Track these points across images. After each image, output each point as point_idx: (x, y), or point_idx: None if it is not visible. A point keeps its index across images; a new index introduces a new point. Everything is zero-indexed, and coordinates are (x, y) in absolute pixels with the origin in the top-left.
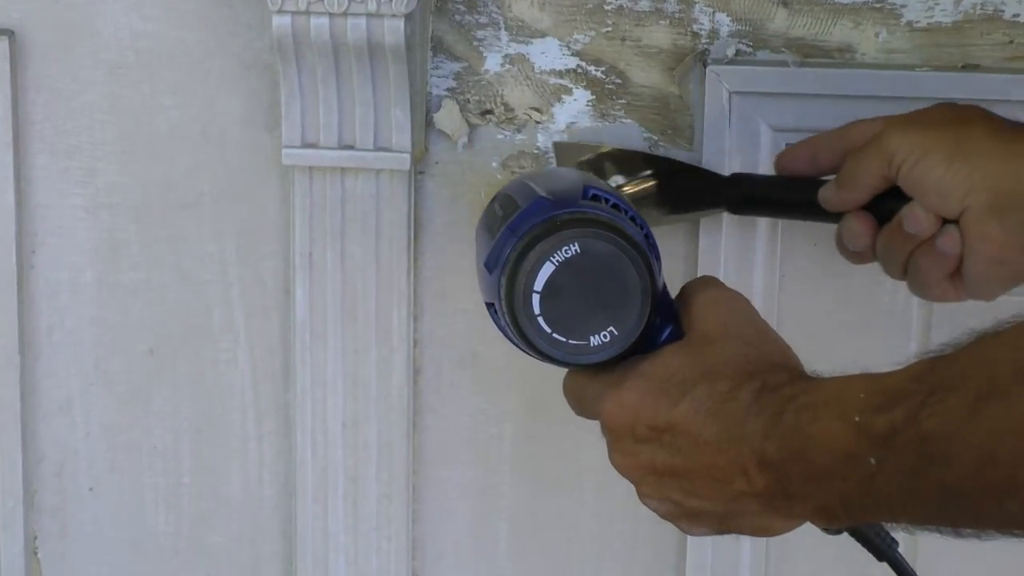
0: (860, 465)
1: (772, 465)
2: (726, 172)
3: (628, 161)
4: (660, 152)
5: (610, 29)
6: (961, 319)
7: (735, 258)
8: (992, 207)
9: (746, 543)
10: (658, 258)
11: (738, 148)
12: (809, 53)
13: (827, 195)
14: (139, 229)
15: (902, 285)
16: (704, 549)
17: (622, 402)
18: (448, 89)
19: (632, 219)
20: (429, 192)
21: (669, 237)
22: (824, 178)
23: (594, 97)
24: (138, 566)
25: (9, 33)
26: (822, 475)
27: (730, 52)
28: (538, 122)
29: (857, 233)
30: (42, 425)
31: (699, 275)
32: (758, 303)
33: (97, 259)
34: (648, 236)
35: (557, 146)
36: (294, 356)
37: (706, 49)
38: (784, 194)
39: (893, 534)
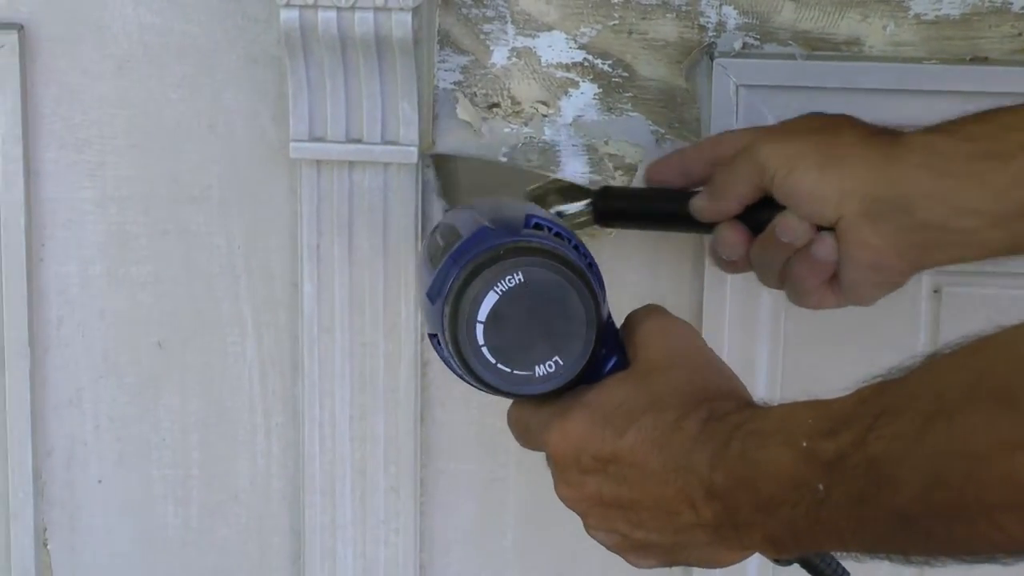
0: (808, 492)
1: (719, 495)
2: None
3: (503, 176)
4: (667, 145)
5: (617, 22)
6: (970, 318)
7: (741, 276)
8: (866, 214)
9: None
10: (602, 287)
11: None
12: (816, 46)
13: (699, 205)
14: (148, 222)
15: (909, 286)
16: None
17: (567, 433)
18: (455, 83)
19: (575, 248)
20: (436, 185)
21: (675, 252)
22: (694, 190)
23: (601, 90)
24: (147, 558)
25: (18, 27)
26: (770, 503)
27: (737, 45)
28: (545, 115)
29: (730, 243)
30: (51, 417)
31: (706, 271)
32: (766, 307)
33: (106, 252)
34: (591, 265)
35: (437, 159)
36: (302, 349)
37: (713, 42)
38: (654, 206)
39: (845, 564)
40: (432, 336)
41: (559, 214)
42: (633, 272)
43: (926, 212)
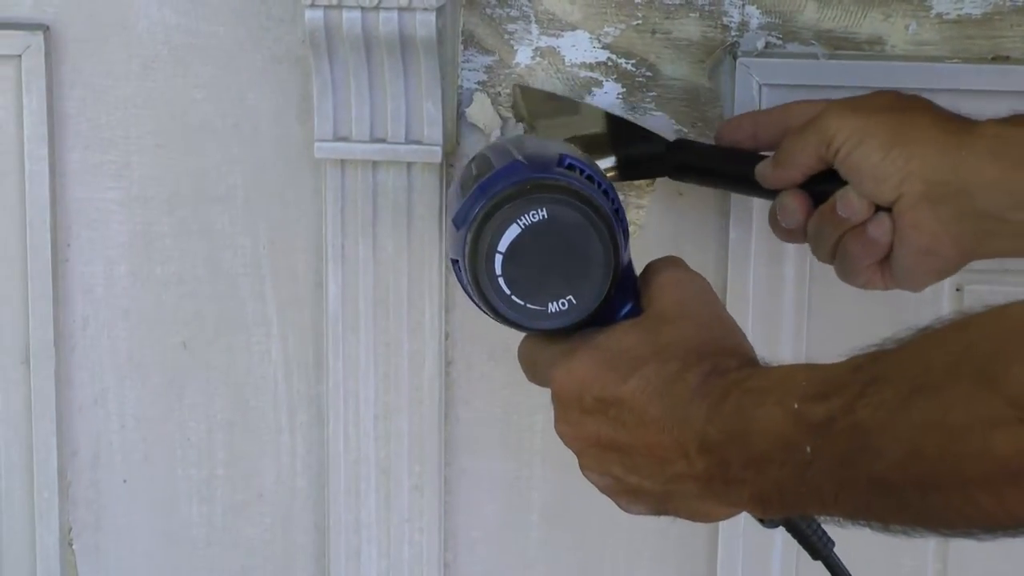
0: (796, 452)
1: (712, 448)
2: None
3: (589, 119)
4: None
5: (640, 22)
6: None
7: (765, 249)
8: (926, 197)
9: (778, 537)
10: (626, 233)
11: None
12: (839, 45)
13: (763, 171)
14: (172, 222)
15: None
16: (736, 540)
17: (572, 371)
18: (479, 82)
19: (604, 192)
20: None
21: (699, 228)
22: (764, 154)
23: (624, 90)
24: (172, 557)
25: (44, 28)
26: (760, 460)
27: (760, 44)
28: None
29: (791, 210)
30: (77, 417)
31: (729, 267)
32: (788, 293)
33: (131, 252)
34: (619, 211)
35: (517, 89)
36: (326, 348)
37: (736, 41)
38: (723, 165)
39: (829, 533)
40: (454, 262)
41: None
42: (657, 246)
43: (986, 201)
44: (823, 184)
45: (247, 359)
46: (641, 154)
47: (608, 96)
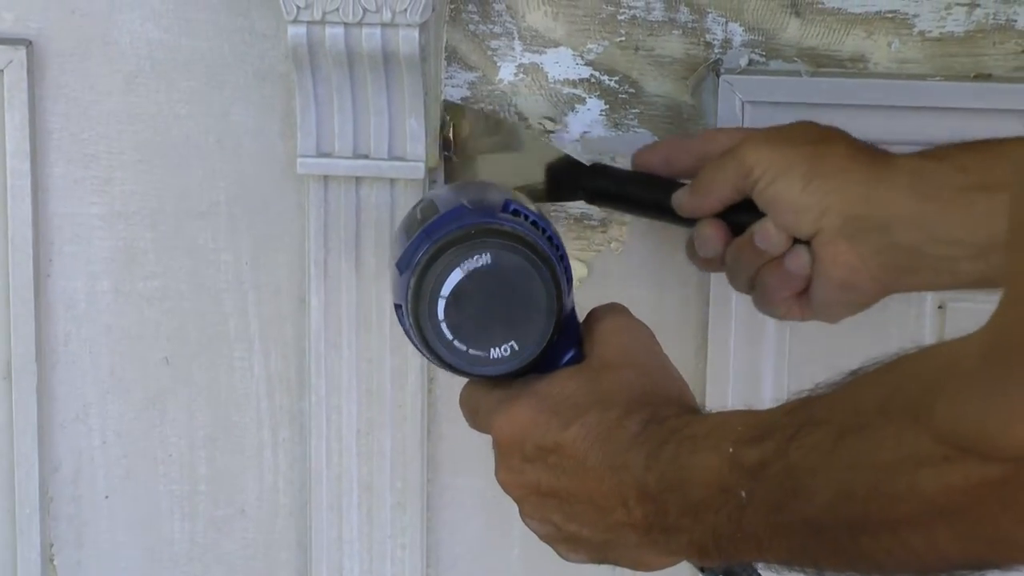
0: (732, 497)
1: (651, 496)
2: None
3: (510, 136)
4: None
5: (623, 39)
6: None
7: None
8: (844, 231)
9: None
10: (569, 280)
11: None
12: (822, 63)
13: (681, 199)
14: (155, 238)
15: (913, 301)
16: None
17: (513, 418)
18: (462, 98)
19: (549, 238)
20: None
21: (682, 246)
22: (682, 181)
23: (607, 106)
24: (154, 574)
25: (27, 43)
26: (697, 507)
27: (743, 62)
28: (551, 131)
29: (708, 240)
30: (58, 433)
31: (712, 284)
32: (771, 322)
33: (113, 268)
34: (563, 257)
35: (447, 105)
36: (309, 364)
37: (719, 59)
38: (639, 192)
39: None
40: (397, 307)
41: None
42: (639, 288)
43: (904, 235)
44: (741, 214)
45: (229, 375)
46: (562, 175)
47: (591, 113)
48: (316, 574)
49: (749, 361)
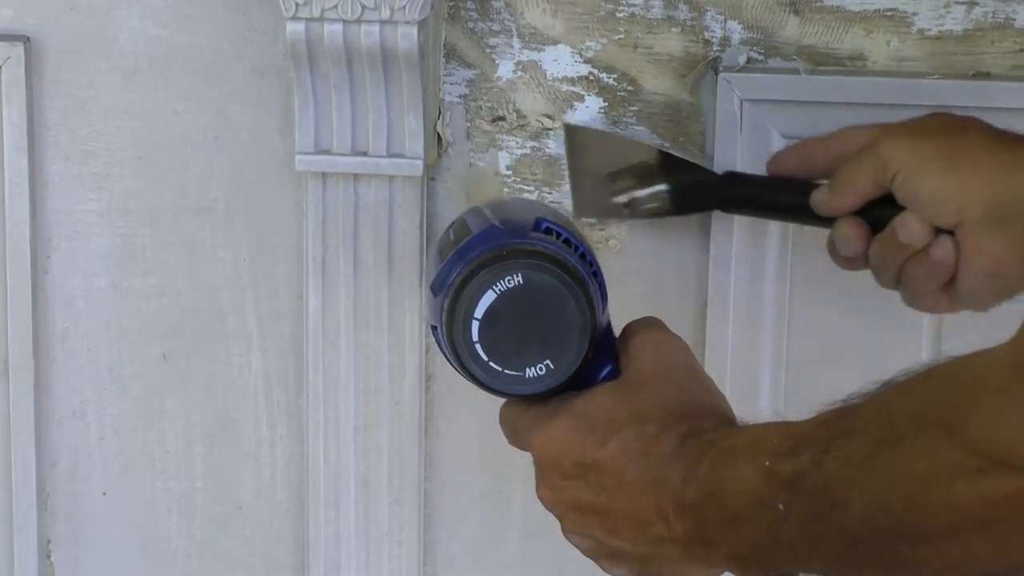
0: (769, 510)
1: (690, 510)
2: None
3: (640, 156)
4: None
5: (622, 36)
6: (971, 327)
7: (746, 266)
8: (988, 219)
9: None
10: (604, 297)
11: (749, 155)
12: (821, 61)
13: (820, 199)
14: (153, 234)
15: None
16: None
17: (551, 436)
18: (460, 96)
19: (582, 256)
20: (441, 198)
21: (680, 245)
22: (816, 182)
23: (606, 104)
24: (151, 570)
25: (24, 39)
26: (735, 520)
27: (742, 60)
28: (550, 129)
29: (850, 239)
30: (56, 429)
31: (710, 284)
32: (769, 311)
33: (111, 264)
34: (596, 274)
35: (568, 128)
36: (307, 361)
37: (718, 56)
38: (775, 196)
39: None
40: (433, 328)
41: (633, 199)
42: (636, 286)
43: None
44: (879, 210)
45: (227, 372)
46: (691, 187)
47: (590, 111)
48: (313, 571)
49: (746, 360)
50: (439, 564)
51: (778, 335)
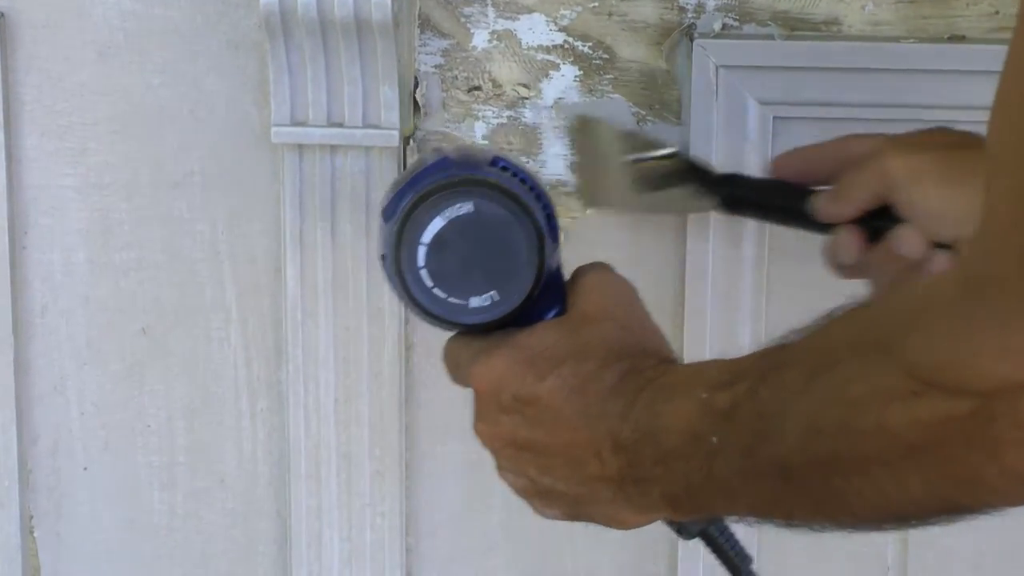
0: (703, 443)
1: (625, 447)
2: (714, 147)
3: (636, 145)
4: (648, 127)
5: (597, 4)
6: None
7: (723, 263)
8: None
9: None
10: (555, 236)
11: (725, 122)
12: (795, 26)
13: (820, 205)
14: (130, 208)
15: None
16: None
17: (491, 368)
18: (436, 66)
19: (536, 196)
20: None
21: (656, 243)
22: (816, 188)
23: (581, 72)
24: (133, 544)
25: None
26: (669, 456)
27: (717, 26)
28: (525, 98)
29: (848, 247)
30: (36, 405)
31: (686, 281)
32: (746, 308)
33: (89, 239)
34: (550, 216)
35: (578, 120)
36: (286, 333)
37: (693, 23)
38: (775, 199)
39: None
40: (382, 258)
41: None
42: (615, 252)
43: None
44: (878, 220)
45: (207, 345)
46: (690, 187)
47: (565, 79)
48: (295, 543)
49: (726, 326)
50: (421, 534)
51: (757, 301)
